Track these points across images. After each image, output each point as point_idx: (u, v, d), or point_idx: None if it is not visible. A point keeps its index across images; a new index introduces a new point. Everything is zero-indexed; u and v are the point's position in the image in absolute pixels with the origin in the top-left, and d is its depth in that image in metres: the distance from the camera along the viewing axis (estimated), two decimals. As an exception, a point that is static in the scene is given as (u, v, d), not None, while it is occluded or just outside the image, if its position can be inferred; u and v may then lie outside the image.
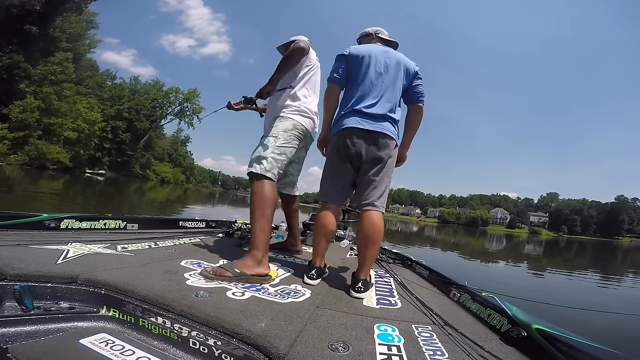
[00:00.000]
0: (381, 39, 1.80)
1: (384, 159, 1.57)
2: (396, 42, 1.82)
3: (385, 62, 1.62)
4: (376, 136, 1.55)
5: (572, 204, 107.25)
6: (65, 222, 1.81)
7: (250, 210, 1.54)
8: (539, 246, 26.32)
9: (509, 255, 14.59)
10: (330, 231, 1.62)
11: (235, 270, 1.35)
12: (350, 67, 1.65)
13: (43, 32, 22.82)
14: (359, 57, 1.63)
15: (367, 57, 1.62)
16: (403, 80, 1.64)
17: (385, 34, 1.83)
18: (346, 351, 0.88)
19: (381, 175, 1.58)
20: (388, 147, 1.57)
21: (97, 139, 33.11)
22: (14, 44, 21.13)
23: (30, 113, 22.70)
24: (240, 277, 1.34)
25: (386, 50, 1.68)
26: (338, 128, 1.62)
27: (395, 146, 1.62)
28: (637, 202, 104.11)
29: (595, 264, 14.85)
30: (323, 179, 1.71)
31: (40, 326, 0.92)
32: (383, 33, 1.82)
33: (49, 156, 24.63)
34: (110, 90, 39.93)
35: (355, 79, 1.63)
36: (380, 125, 1.55)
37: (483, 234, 44.41)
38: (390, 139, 1.58)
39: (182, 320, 0.95)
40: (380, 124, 1.55)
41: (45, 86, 23.88)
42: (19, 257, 1.15)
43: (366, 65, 1.61)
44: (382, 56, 1.63)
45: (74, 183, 18.28)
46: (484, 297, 1.44)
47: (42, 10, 21.56)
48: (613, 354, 0.91)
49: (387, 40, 1.80)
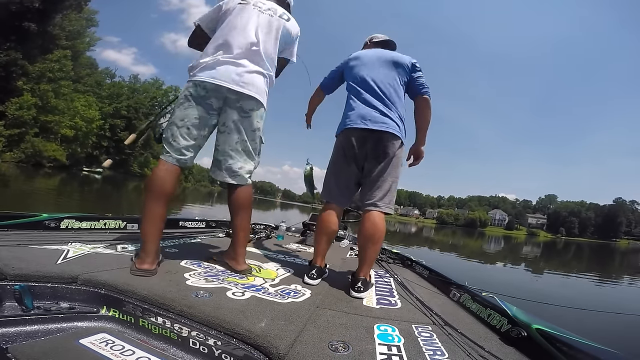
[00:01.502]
0: (376, 42, 1.85)
1: (388, 158, 1.57)
2: (392, 40, 1.86)
3: (379, 63, 1.67)
4: (380, 135, 1.55)
5: (570, 206, 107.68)
6: (65, 222, 1.80)
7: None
8: (537, 248, 26.41)
9: (507, 256, 14.64)
10: (332, 232, 1.62)
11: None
12: (348, 73, 1.73)
13: (42, 30, 22.72)
14: (356, 62, 1.71)
15: (362, 61, 1.70)
16: (402, 76, 1.66)
17: (379, 37, 1.88)
18: (346, 351, 0.88)
19: (385, 174, 1.57)
20: (392, 145, 1.57)
21: (94, 137, 33.01)
22: (12, 41, 21.05)
23: (27, 110, 22.62)
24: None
25: (380, 51, 1.74)
26: (342, 128, 1.64)
27: (400, 145, 1.61)
28: (635, 205, 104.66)
29: (594, 266, 14.91)
30: (327, 178, 1.71)
31: (40, 326, 0.92)
32: (377, 37, 1.89)
33: (46, 154, 24.59)
34: (108, 89, 39.85)
35: (355, 83, 1.67)
36: (384, 124, 1.55)
37: (481, 236, 44.57)
38: (395, 138, 1.57)
39: (182, 320, 0.95)
40: (383, 123, 1.56)
41: (43, 84, 23.79)
42: (19, 257, 1.15)
43: (363, 68, 1.67)
44: (375, 57, 1.69)
45: (70, 181, 18.21)
46: (484, 297, 1.44)
47: (41, 7, 21.48)
48: (613, 354, 0.91)
49: (382, 41, 1.86)
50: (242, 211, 1.48)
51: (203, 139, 1.42)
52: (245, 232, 1.50)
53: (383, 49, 1.77)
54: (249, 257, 1.88)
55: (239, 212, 1.48)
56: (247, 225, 1.51)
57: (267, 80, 1.47)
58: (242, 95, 1.36)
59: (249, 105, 1.38)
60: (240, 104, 1.37)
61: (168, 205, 1.36)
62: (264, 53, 1.44)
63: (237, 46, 1.38)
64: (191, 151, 1.39)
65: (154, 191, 1.30)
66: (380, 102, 1.59)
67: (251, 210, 1.54)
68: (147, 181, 1.33)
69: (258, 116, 1.43)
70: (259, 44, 1.41)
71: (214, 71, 1.34)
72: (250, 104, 1.39)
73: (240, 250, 1.49)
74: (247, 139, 1.43)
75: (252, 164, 1.50)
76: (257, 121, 1.44)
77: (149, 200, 1.30)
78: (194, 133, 1.37)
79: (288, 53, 1.62)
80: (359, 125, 1.56)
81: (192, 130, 1.36)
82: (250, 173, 1.50)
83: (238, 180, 1.45)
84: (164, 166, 1.35)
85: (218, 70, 1.34)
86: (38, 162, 23.94)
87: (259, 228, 3.19)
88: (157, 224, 1.31)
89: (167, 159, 1.36)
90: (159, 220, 1.32)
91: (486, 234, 60.52)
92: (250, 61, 1.39)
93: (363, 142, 1.56)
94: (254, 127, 1.43)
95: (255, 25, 1.43)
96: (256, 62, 1.41)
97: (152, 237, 1.29)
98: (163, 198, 1.31)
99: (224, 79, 1.33)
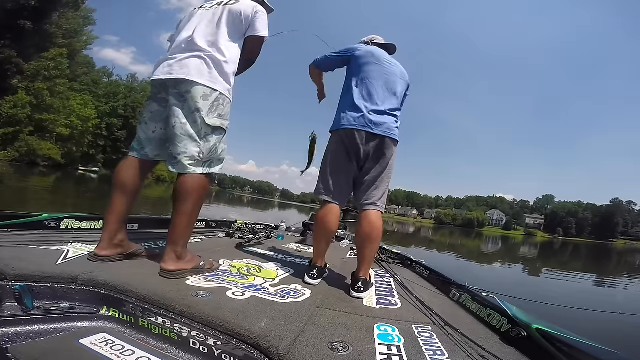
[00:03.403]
0: (377, 44, 1.85)
1: (387, 161, 1.60)
2: (393, 44, 1.88)
3: (391, 67, 1.69)
4: (382, 138, 1.57)
5: (567, 206, 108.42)
6: (65, 222, 1.79)
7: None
8: (534, 248, 26.54)
9: (505, 256, 14.70)
10: (331, 231, 1.61)
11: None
12: (357, 65, 1.68)
13: (38, 28, 22.55)
14: (370, 58, 1.67)
15: (377, 59, 1.68)
16: (403, 91, 1.74)
17: (380, 39, 1.89)
18: (346, 351, 0.88)
19: (382, 176, 1.60)
20: (391, 149, 1.60)
21: (91, 136, 32.78)
22: (7, 39, 20.88)
23: (22, 109, 22.42)
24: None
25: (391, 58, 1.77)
26: (345, 125, 1.59)
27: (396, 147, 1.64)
28: (632, 205, 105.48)
29: (591, 266, 15.00)
30: (323, 176, 1.66)
31: (40, 326, 0.92)
32: (378, 39, 1.89)
33: (40, 152, 24.33)
34: (105, 87, 39.57)
35: (362, 78, 1.65)
36: (387, 129, 1.58)
37: (479, 236, 44.71)
38: (394, 141, 1.61)
39: (182, 320, 0.95)
40: (388, 129, 1.58)
41: (38, 82, 23.59)
42: (19, 257, 1.14)
43: (379, 67, 1.66)
44: (387, 61, 1.71)
45: (65, 180, 18.06)
46: (484, 297, 1.45)
47: (37, 5, 21.33)
48: (613, 354, 0.91)
49: (383, 44, 1.86)
50: (177, 203, 1.33)
51: (162, 132, 1.45)
52: (176, 229, 1.33)
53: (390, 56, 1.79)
54: (249, 257, 1.89)
55: (175, 204, 1.34)
56: (180, 221, 1.33)
57: (205, 60, 1.40)
58: (176, 81, 1.37)
59: (183, 87, 1.36)
60: (176, 90, 1.37)
61: (133, 197, 1.44)
62: (201, 39, 1.42)
63: (174, 45, 1.46)
64: (150, 144, 1.46)
65: (114, 183, 1.41)
66: (389, 106, 1.62)
67: (193, 205, 1.34)
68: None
69: (196, 97, 1.35)
70: (193, 34, 1.43)
71: (156, 70, 1.45)
72: (184, 86, 1.36)
73: (168, 249, 1.31)
74: (186, 121, 1.35)
75: (195, 149, 1.35)
76: (196, 102, 1.35)
77: (112, 190, 1.41)
78: (150, 126, 1.46)
79: (251, 30, 1.55)
80: (365, 129, 1.55)
81: (150, 124, 1.46)
82: (194, 160, 1.35)
83: (177, 168, 1.35)
84: (126, 159, 1.46)
85: (157, 68, 1.44)
86: (32, 161, 23.69)
87: (259, 228, 3.18)
88: (114, 212, 1.39)
89: (129, 153, 1.47)
90: (116, 209, 1.39)
91: (484, 234, 60.75)
92: (182, 51, 1.41)
93: (367, 143, 1.57)
94: (192, 109, 1.35)
95: (196, 23, 1.46)
96: (189, 50, 1.40)
97: (107, 224, 1.37)
98: (120, 188, 1.40)
99: (159, 74, 1.41)
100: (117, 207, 1.39)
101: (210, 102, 1.37)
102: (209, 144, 1.37)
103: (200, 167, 1.37)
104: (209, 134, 1.37)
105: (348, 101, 1.64)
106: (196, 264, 1.38)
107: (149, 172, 1.55)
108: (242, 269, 1.57)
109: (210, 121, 1.37)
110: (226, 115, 1.44)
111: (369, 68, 1.65)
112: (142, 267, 1.33)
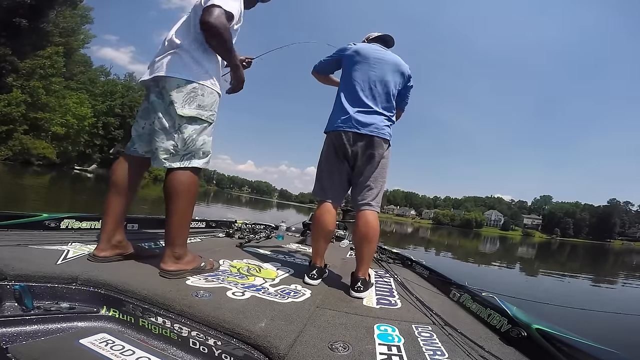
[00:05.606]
0: (373, 39, 1.82)
1: (378, 160, 1.60)
2: (389, 35, 1.83)
3: (382, 64, 1.65)
4: (371, 138, 1.57)
5: (565, 206, 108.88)
6: (65, 222, 1.79)
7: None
8: (532, 248, 26.66)
9: (503, 257, 14.76)
10: (328, 230, 1.61)
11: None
12: (347, 64, 1.69)
13: (34, 26, 22.37)
14: (357, 57, 1.66)
15: (364, 57, 1.65)
16: (399, 84, 1.70)
17: (375, 34, 1.85)
18: (346, 351, 0.88)
19: (375, 175, 1.60)
20: (382, 148, 1.60)
21: (87, 135, 32.53)
22: (2, 36, 20.68)
23: (16, 107, 22.17)
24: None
25: (383, 51, 1.71)
26: (334, 128, 1.62)
27: (388, 147, 1.64)
28: (629, 206, 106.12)
29: (589, 266, 15.08)
30: (319, 176, 1.69)
31: (40, 326, 0.92)
32: (372, 35, 1.85)
33: (34, 151, 24.03)
34: (102, 86, 39.34)
35: (350, 79, 1.65)
36: (376, 129, 1.57)
37: (477, 236, 44.86)
38: (385, 141, 1.61)
39: (182, 320, 0.95)
40: (376, 128, 1.57)
41: (33, 80, 23.33)
42: (19, 257, 1.14)
43: (365, 65, 1.64)
44: (379, 57, 1.66)
45: (60, 179, 17.89)
46: (484, 297, 1.45)
47: (33, 3, 21.16)
48: (613, 354, 0.92)
49: (380, 37, 1.82)
50: (167, 202, 1.33)
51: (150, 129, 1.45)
52: (170, 228, 1.32)
53: (383, 47, 1.76)
54: (249, 257, 1.88)
55: (165, 203, 1.34)
56: (172, 220, 1.32)
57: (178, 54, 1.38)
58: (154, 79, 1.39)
59: (160, 84, 1.38)
60: (157, 88, 1.40)
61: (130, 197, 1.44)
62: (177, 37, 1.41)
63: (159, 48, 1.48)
64: (140, 140, 1.48)
65: (110, 182, 1.43)
66: (376, 105, 1.60)
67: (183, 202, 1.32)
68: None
69: (170, 89, 1.35)
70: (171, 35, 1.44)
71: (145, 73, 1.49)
72: (161, 82, 1.37)
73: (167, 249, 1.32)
74: (162, 116, 1.35)
75: (170, 142, 1.33)
76: (170, 94, 1.34)
77: (108, 190, 1.42)
78: (140, 123, 1.49)
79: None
80: (352, 129, 1.56)
81: (140, 121, 1.49)
82: (168, 153, 1.33)
83: (155, 163, 1.37)
84: (121, 158, 1.49)
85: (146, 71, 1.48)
86: (26, 160, 23.42)
87: (259, 228, 3.18)
88: (110, 213, 1.39)
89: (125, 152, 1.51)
90: (112, 209, 1.39)
91: (482, 234, 60.97)
92: (162, 52, 1.42)
93: (355, 143, 1.57)
94: (167, 102, 1.34)
95: (177, 25, 1.48)
96: (167, 49, 1.41)
97: (104, 225, 1.38)
98: (116, 188, 1.41)
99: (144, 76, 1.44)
100: (114, 208, 1.39)
101: (184, 93, 1.34)
102: (183, 135, 1.33)
103: (178, 162, 1.33)
104: (182, 124, 1.33)
105: (337, 103, 1.67)
106: (197, 265, 1.38)
107: (144, 170, 1.54)
108: (242, 269, 1.57)
109: (183, 111, 1.33)
110: (209, 106, 1.39)
111: (356, 67, 1.65)
112: (142, 267, 1.33)
